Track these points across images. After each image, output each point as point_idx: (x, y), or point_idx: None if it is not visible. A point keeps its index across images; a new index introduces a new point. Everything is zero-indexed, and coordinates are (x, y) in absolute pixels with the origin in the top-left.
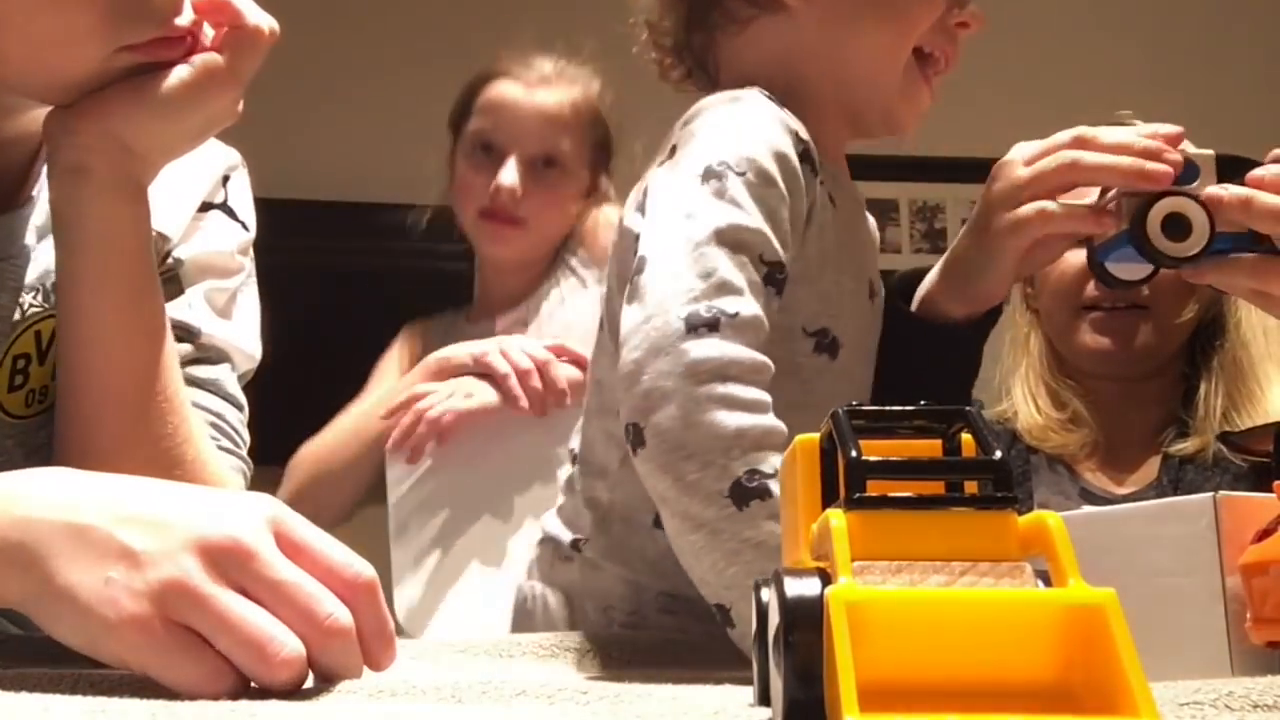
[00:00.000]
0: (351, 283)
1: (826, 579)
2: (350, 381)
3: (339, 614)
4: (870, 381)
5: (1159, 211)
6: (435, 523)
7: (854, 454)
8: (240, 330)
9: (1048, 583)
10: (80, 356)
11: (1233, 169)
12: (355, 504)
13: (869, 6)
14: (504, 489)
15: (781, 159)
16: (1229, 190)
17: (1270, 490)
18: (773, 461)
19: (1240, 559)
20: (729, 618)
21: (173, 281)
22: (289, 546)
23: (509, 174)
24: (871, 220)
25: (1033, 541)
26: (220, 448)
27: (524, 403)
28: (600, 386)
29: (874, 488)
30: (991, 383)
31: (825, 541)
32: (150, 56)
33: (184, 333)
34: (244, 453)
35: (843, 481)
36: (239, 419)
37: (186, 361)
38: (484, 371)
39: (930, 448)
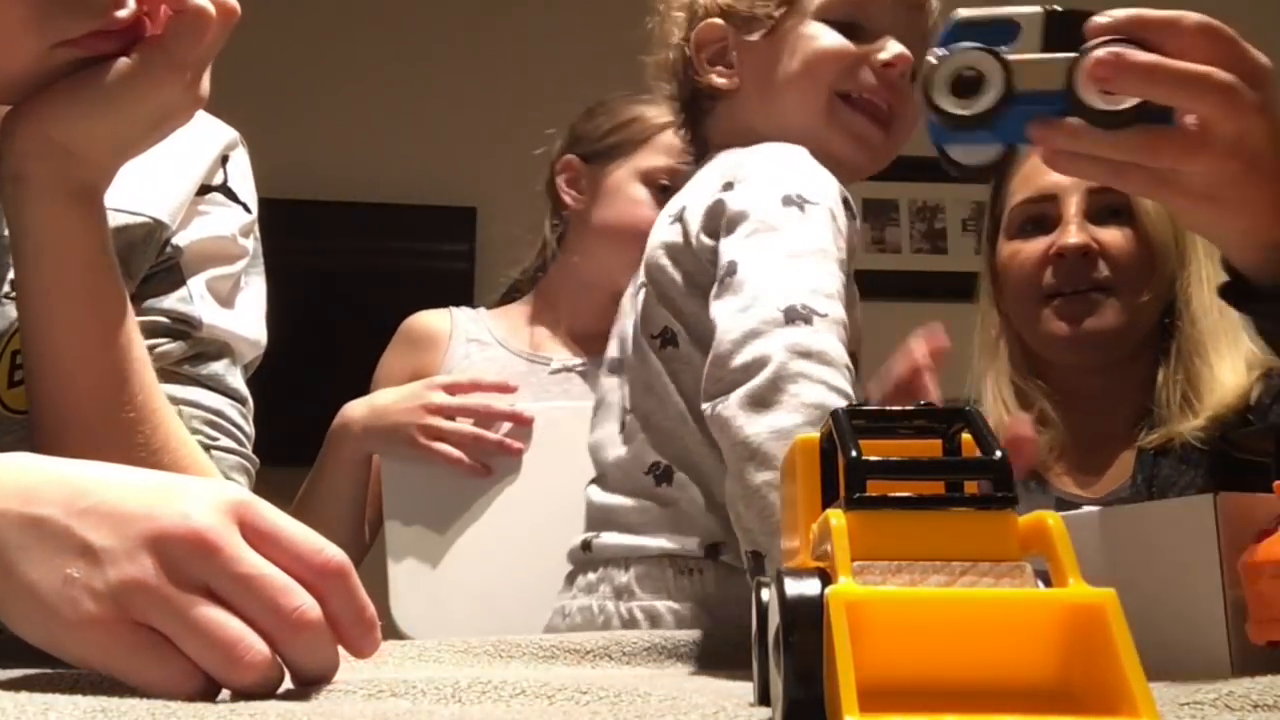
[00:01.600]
0: (352, 283)
1: (826, 579)
2: (349, 382)
3: (306, 606)
4: None
5: (948, 68)
6: (433, 523)
7: (854, 454)
8: (244, 318)
9: (1048, 583)
10: (38, 368)
11: (1073, 23)
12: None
13: (778, 74)
14: (501, 488)
15: (837, 203)
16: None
17: (1265, 489)
18: None
19: (1240, 559)
20: (761, 565)
21: (173, 271)
22: (255, 535)
23: None
24: None
25: (1033, 541)
26: (219, 447)
27: (485, 471)
28: (688, 398)
29: (874, 488)
30: (963, 388)
31: (825, 541)
32: (88, 50)
33: (184, 325)
34: (248, 449)
35: (843, 481)
36: (241, 414)
37: (184, 358)
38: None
39: (930, 448)
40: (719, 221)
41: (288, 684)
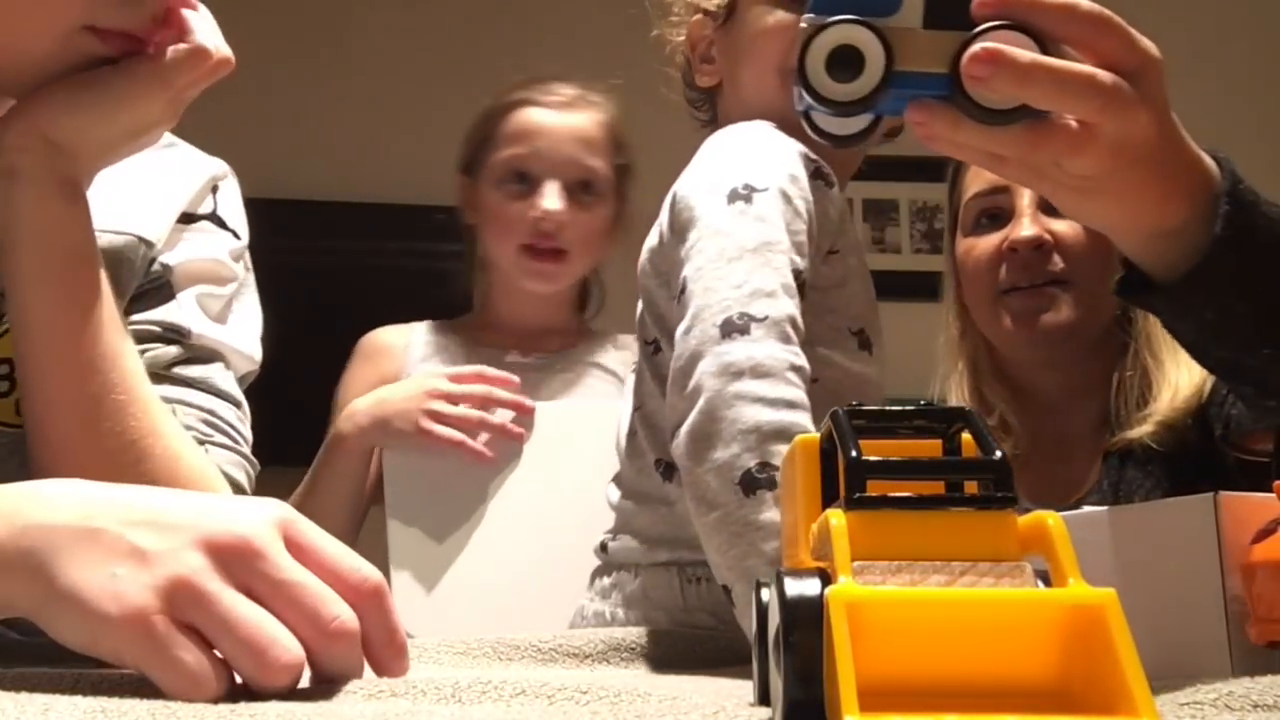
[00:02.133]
0: (352, 282)
1: (826, 579)
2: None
3: (345, 617)
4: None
5: (824, 44)
6: (435, 521)
7: (854, 454)
8: (236, 333)
9: (1048, 583)
10: (28, 354)
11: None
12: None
13: (739, 57)
14: (504, 485)
15: (794, 180)
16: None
17: (1261, 489)
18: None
19: (1240, 559)
20: (731, 598)
21: (163, 288)
22: (297, 549)
23: (552, 199)
24: None
25: (1033, 541)
26: (214, 443)
27: (489, 455)
28: None
29: (874, 488)
30: (927, 390)
31: (825, 541)
32: (107, 45)
33: (174, 333)
34: (245, 449)
35: (843, 481)
36: (236, 415)
37: (177, 361)
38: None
39: (930, 448)
40: (674, 213)
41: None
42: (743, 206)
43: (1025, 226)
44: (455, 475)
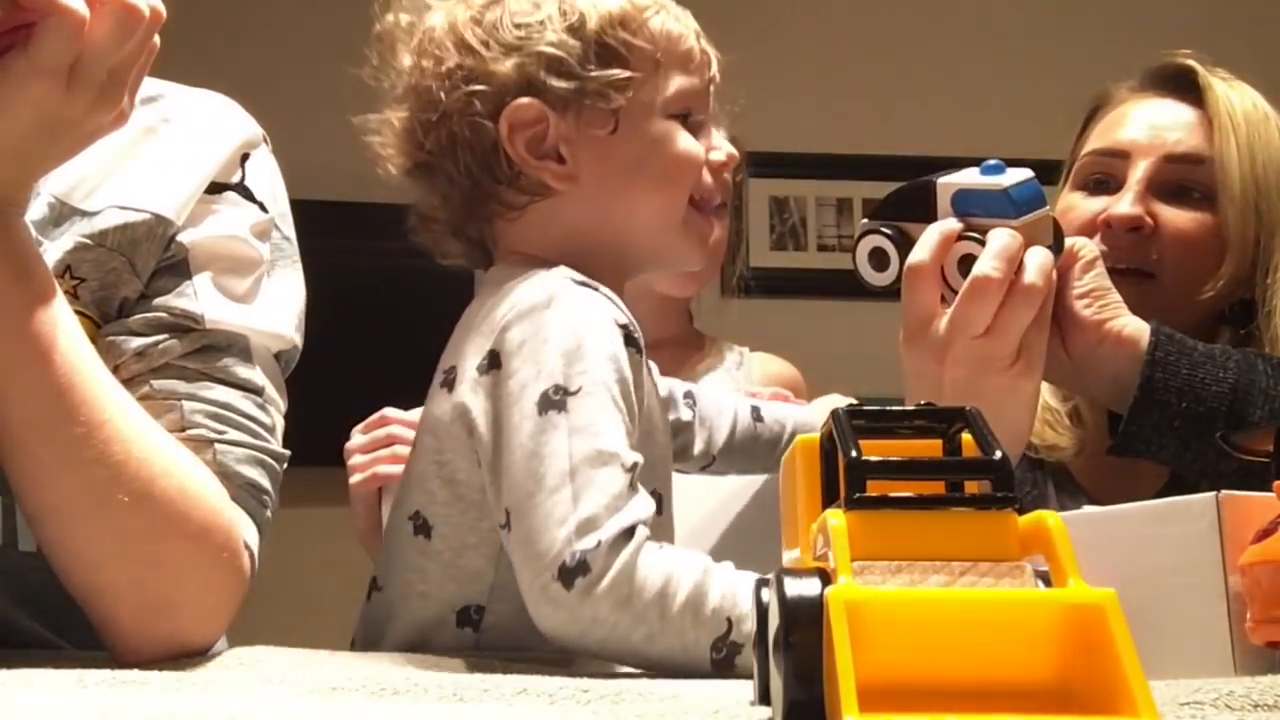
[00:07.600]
0: (353, 282)
1: (826, 579)
2: (352, 379)
3: None
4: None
5: (865, 245)
6: None
7: (854, 454)
8: (263, 314)
9: (1048, 583)
10: None
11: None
12: None
13: (637, 178)
14: None
15: (613, 363)
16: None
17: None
18: None
19: (1241, 559)
20: None
21: (179, 268)
22: None
23: None
24: None
25: (1033, 541)
26: (227, 440)
27: (381, 475)
28: None
29: (874, 488)
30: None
31: (825, 541)
32: None
33: (187, 321)
34: (267, 439)
35: (843, 481)
36: (255, 403)
37: (190, 351)
38: None
39: (930, 448)
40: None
41: (286, 684)
42: (555, 416)
43: (1127, 203)
44: None
